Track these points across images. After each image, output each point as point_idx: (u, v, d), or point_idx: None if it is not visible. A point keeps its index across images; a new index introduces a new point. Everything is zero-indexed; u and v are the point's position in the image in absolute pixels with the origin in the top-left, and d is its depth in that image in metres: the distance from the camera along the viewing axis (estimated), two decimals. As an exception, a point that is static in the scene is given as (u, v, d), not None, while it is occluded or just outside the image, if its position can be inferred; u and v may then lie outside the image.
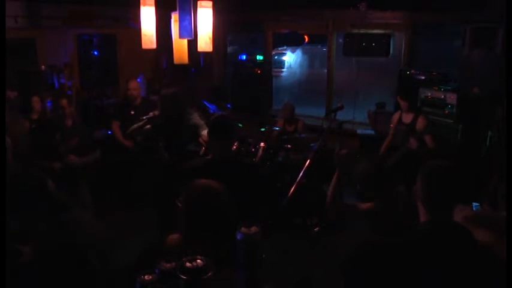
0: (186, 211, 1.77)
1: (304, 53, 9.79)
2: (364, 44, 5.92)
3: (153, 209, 4.24)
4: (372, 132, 5.51)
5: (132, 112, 4.89)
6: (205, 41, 2.49)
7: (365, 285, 1.67)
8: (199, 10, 2.46)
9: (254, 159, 4.74)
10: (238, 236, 1.44)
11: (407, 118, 4.34)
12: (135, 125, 4.22)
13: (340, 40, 6.30)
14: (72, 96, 5.70)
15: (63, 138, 4.26)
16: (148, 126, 4.09)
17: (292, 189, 3.80)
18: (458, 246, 1.63)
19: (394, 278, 1.61)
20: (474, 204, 2.05)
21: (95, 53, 6.96)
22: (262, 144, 4.80)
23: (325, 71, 6.39)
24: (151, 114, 4.07)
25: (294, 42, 9.77)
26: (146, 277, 1.37)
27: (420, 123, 4.23)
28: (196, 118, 4.04)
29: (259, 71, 6.25)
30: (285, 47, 9.84)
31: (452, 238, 1.66)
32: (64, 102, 4.39)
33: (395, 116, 4.51)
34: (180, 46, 2.64)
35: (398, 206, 2.53)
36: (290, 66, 9.83)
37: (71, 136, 4.34)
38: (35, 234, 1.96)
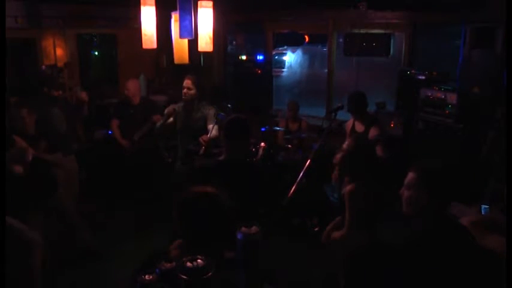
0: (182, 219, 1.76)
1: (304, 53, 9.78)
2: (364, 44, 5.93)
3: (156, 209, 4.24)
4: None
5: (132, 111, 4.90)
6: (205, 40, 2.48)
7: (365, 286, 1.67)
8: (199, 10, 2.46)
9: (254, 159, 4.74)
10: (239, 236, 1.44)
11: (360, 127, 4.16)
12: (161, 121, 4.07)
13: (341, 40, 6.30)
14: (73, 96, 5.71)
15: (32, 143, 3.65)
16: (171, 119, 4.01)
17: (292, 189, 3.80)
18: (458, 246, 1.63)
19: (395, 278, 1.61)
20: (483, 206, 2.05)
21: (95, 53, 6.97)
22: (262, 144, 4.81)
23: (325, 71, 6.39)
24: (171, 107, 3.98)
25: (294, 42, 9.76)
26: (146, 277, 1.37)
27: (372, 133, 4.02)
28: (208, 109, 4.01)
29: (259, 71, 6.25)
30: (285, 47, 9.84)
31: (453, 238, 1.66)
32: (24, 112, 3.77)
33: (349, 124, 4.32)
34: (180, 46, 2.64)
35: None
36: (290, 66, 9.82)
37: (37, 140, 3.88)
38: None
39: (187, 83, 3.93)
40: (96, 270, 3.69)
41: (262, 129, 5.29)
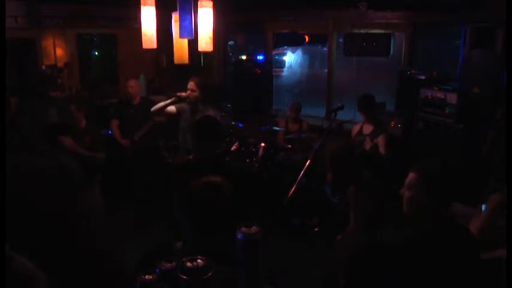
0: (190, 209, 1.77)
1: (304, 53, 9.77)
2: (364, 44, 5.92)
3: (154, 208, 4.24)
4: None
5: (132, 111, 4.90)
6: (205, 40, 2.49)
7: (365, 286, 1.67)
8: (199, 10, 2.46)
9: (254, 159, 4.75)
10: (239, 236, 1.44)
11: (368, 129, 4.26)
12: (162, 103, 4.07)
13: (341, 40, 6.29)
14: (73, 96, 5.71)
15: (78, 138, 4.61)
16: (174, 109, 4.00)
17: (292, 189, 3.80)
18: (459, 247, 1.63)
19: (395, 278, 1.61)
20: (484, 206, 2.05)
21: (95, 53, 6.97)
22: (262, 144, 4.81)
23: (325, 71, 6.38)
24: (181, 93, 3.97)
25: (294, 42, 9.75)
26: (146, 277, 1.37)
27: (381, 139, 4.10)
28: (212, 111, 4.02)
29: (259, 71, 6.25)
30: (285, 47, 9.83)
31: (453, 239, 1.66)
32: (73, 107, 4.67)
33: (355, 128, 4.45)
34: (180, 46, 2.64)
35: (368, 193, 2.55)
36: (290, 66, 9.81)
37: (84, 136, 4.67)
38: None
39: (191, 84, 3.93)
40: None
41: (261, 128, 5.29)
